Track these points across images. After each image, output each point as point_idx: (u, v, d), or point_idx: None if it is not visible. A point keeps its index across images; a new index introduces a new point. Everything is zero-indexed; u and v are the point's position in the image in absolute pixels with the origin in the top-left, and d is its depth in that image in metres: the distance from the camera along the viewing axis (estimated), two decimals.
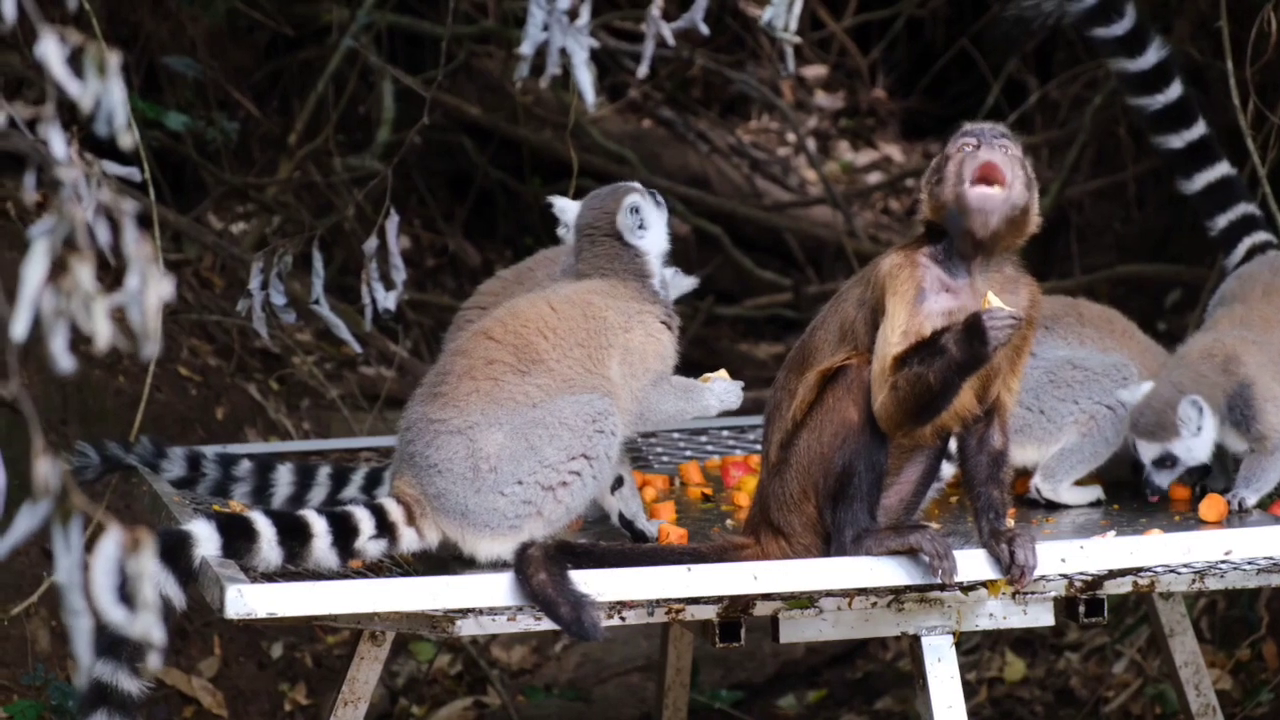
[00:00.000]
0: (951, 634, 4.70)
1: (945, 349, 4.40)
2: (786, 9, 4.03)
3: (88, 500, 2.78)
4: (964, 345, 4.39)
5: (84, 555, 2.85)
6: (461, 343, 4.90)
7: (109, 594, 2.81)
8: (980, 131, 4.56)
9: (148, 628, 2.83)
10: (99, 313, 2.82)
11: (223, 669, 7.43)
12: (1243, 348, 5.33)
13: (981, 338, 4.37)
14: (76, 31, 2.88)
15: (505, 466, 4.69)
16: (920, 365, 4.42)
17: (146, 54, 8.95)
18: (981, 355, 4.41)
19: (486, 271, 10.26)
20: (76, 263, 2.81)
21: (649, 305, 4.95)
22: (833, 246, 11.18)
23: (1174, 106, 5.78)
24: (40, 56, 2.85)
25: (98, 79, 2.91)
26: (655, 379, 4.90)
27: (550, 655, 8.26)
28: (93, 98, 2.92)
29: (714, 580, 4.44)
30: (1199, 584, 4.86)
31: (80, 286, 2.81)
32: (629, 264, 5.00)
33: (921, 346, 4.44)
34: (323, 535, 4.55)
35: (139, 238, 2.86)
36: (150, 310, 2.83)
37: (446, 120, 10.35)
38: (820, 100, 13.29)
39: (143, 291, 2.85)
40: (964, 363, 4.41)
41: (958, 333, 4.40)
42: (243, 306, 6.04)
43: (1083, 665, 7.94)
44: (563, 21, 4.05)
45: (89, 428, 7.15)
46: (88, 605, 2.83)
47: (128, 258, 2.84)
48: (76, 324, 2.84)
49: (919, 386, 4.44)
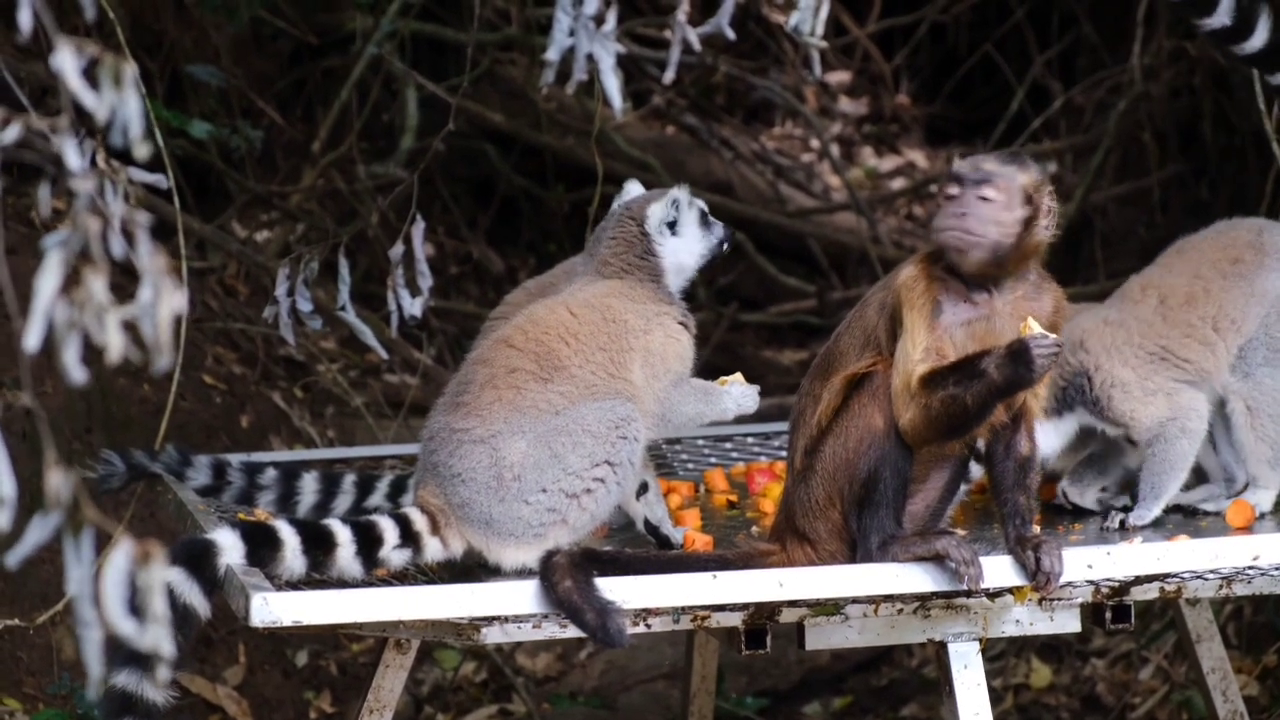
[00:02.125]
0: (978, 640, 4.68)
1: (985, 373, 4.39)
2: (813, 14, 4.02)
3: (99, 512, 2.78)
4: (1007, 370, 4.38)
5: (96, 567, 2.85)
6: (482, 351, 4.90)
7: (119, 606, 2.81)
8: (963, 176, 4.54)
9: (157, 640, 2.83)
10: (112, 325, 2.82)
11: (248, 677, 7.43)
12: (1093, 330, 5.25)
13: (1027, 364, 4.37)
14: (95, 42, 2.88)
15: (529, 475, 4.69)
16: (956, 387, 4.41)
17: (171, 62, 8.96)
18: (1026, 381, 4.41)
19: (510, 279, 10.28)
20: (90, 274, 2.80)
21: (666, 306, 4.95)
22: (857, 252, 11.17)
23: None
24: (56, 67, 2.85)
25: (114, 90, 2.91)
26: (676, 380, 4.89)
27: (575, 662, 8.25)
28: (109, 109, 2.91)
29: (739, 587, 4.44)
30: (1226, 590, 4.84)
31: (93, 298, 2.80)
32: (641, 257, 5.00)
33: (958, 368, 4.43)
34: (347, 545, 4.55)
35: (153, 250, 2.85)
36: (163, 323, 2.83)
37: (470, 127, 10.35)
38: (844, 106, 13.28)
39: (155, 304, 2.84)
40: (1004, 387, 4.41)
41: (1000, 358, 4.39)
42: (269, 314, 6.04)
43: (1109, 671, 7.92)
44: (589, 27, 4.04)
45: (114, 436, 7.15)
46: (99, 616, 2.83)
47: (141, 270, 2.83)
48: (90, 335, 2.84)
49: (954, 407, 4.43)
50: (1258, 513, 5.18)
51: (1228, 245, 5.34)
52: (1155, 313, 5.25)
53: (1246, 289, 5.26)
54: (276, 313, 6.01)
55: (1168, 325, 5.24)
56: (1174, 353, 5.22)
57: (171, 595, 4.33)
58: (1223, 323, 5.23)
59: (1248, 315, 5.24)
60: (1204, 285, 5.27)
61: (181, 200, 6.62)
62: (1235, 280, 5.27)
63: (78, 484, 2.79)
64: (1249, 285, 5.26)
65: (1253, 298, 5.24)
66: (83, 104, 2.87)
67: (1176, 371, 5.21)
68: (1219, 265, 5.30)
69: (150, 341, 2.84)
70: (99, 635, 2.83)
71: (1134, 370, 5.18)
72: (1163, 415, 5.16)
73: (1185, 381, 5.22)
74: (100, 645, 2.84)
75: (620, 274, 4.99)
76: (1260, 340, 5.24)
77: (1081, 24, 11.37)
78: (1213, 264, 5.31)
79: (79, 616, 2.84)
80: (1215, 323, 5.24)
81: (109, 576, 2.80)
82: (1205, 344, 5.23)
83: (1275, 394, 5.22)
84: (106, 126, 2.91)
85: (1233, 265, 5.30)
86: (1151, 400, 5.18)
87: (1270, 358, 5.23)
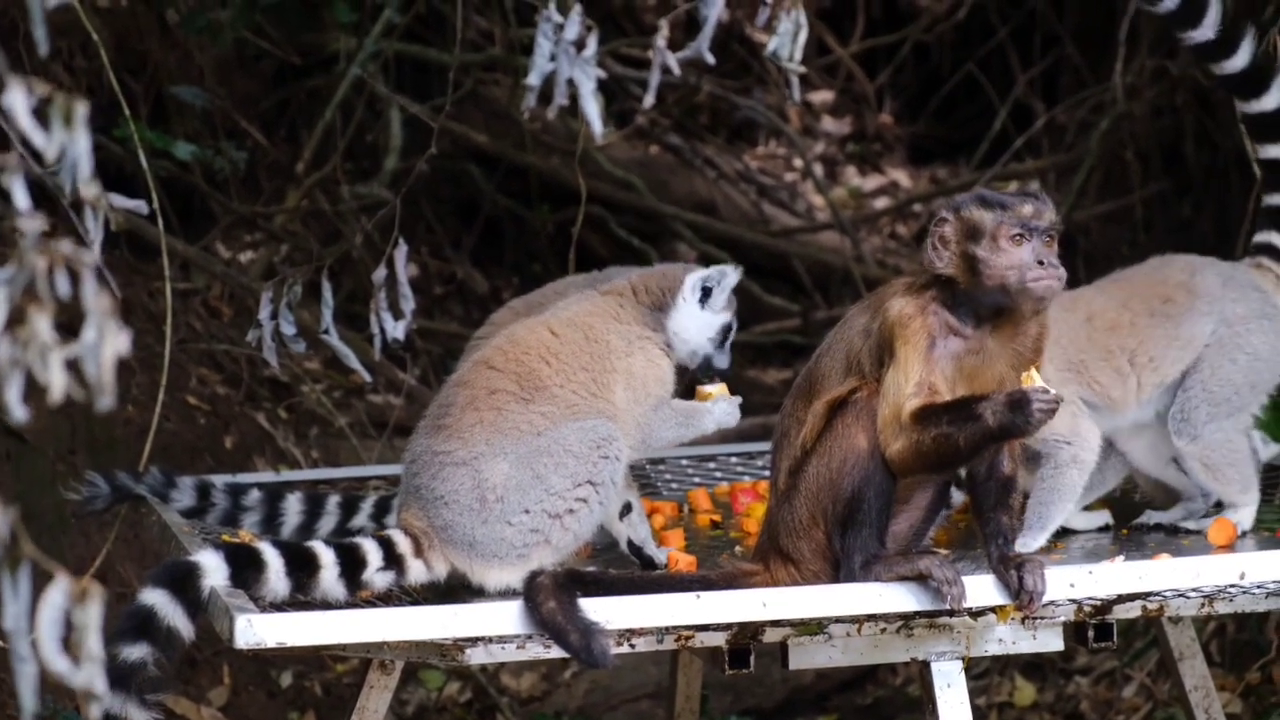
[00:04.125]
0: (961, 659, 4.69)
1: (981, 417, 4.40)
2: (791, 39, 4.04)
3: (37, 550, 2.78)
4: (1004, 419, 4.39)
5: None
6: (463, 373, 4.91)
7: (54, 643, 2.81)
8: (1029, 224, 4.52)
9: (90, 679, 2.83)
10: (55, 364, 2.82)
11: (232, 698, 7.42)
12: None
13: (1025, 416, 4.38)
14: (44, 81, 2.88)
15: (511, 496, 4.70)
16: (950, 426, 4.42)
17: (155, 83, 8.97)
18: (1021, 431, 4.42)
19: (495, 299, 10.28)
20: (35, 313, 2.80)
21: (650, 332, 4.97)
22: (840, 272, 11.19)
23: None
24: (6, 106, 2.85)
25: (64, 129, 2.91)
26: (656, 404, 4.91)
27: (560, 682, 8.25)
28: (58, 148, 2.91)
29: (723, 607, 4.44)
30: (1208, 608, 4.85)
31: (37, 337, 2.80)
32: (654, 303, 5.05)
33: (953, 409, 4.43)
34: (330, 566, 4.56)
35: (97, 290, 2.85)
36: (105, 363, 2.83)
37: (454, 148, 10.37)
38: (827, 125, 13.30)
39: (99, 344, 2.84)
40: (998, 434, 4.42)
41: (999, 405, 4.39)
42: (253, 336, 6.05)
43: (1093, 689, 7.93)
44: (570, 52, 4.06)
45: (97, 457, 7.15)
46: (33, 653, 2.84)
47: (86, 310, 2.83)
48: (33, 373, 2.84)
49: (945, 446, 4.44)
50: (1239, 531, 5.20)
51: (1160, 283, 5.33)
52: (1080, 328, 5.25)
53: (1171, 331, 5.25)
54: (260, 336, 6.02)
55: (1089, 343, 5.24)
56: (1088, 370, 5.21)
57: (156, 617, 4.34)
58: (1140, 358, 5.23)
59: (1167, 357, 5.23)
60: (1130, 317, 5.26)
61: (165, 221, 6.62)
62: (1161, 320, 5.26)
63: (15, 519, 2.79)
64: (1174, 328, 5.25)
65: (1176, 341, 5.24)
66: (32, 142, 2.88)
67: (1086, 391, 5.21)
68: (1149, 301, 5.29)
69: (93, 381, 2.83)
70: (34, 670, 2.84)
71: (1054, 369, 5.16)
72: (1063, 431, 5.15)
73: (1091, 405, 5.22)
74: (35, 680, 2.84)
75: (619, 293, 5.03)
76: (1199, 397, 5.22)
77: (1064, 43, 11.41)
78: (1143, 298, 5.29)
79: (14, 652, 2.84)
80: (1133, 356, 5.23)
81: (45, 614, 2.80)
82: (1118, 373, 5.23)
83: (1227, 445, 5.23)
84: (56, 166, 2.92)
85: (1162, 304, 5.28)
86: (1060, 410, 5.19)
87: (1214, 413, 5.23)
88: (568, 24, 4.14)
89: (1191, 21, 5.33)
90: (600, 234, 10.75)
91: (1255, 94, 5.43)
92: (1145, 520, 5.37)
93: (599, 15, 11.42)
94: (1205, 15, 5.32)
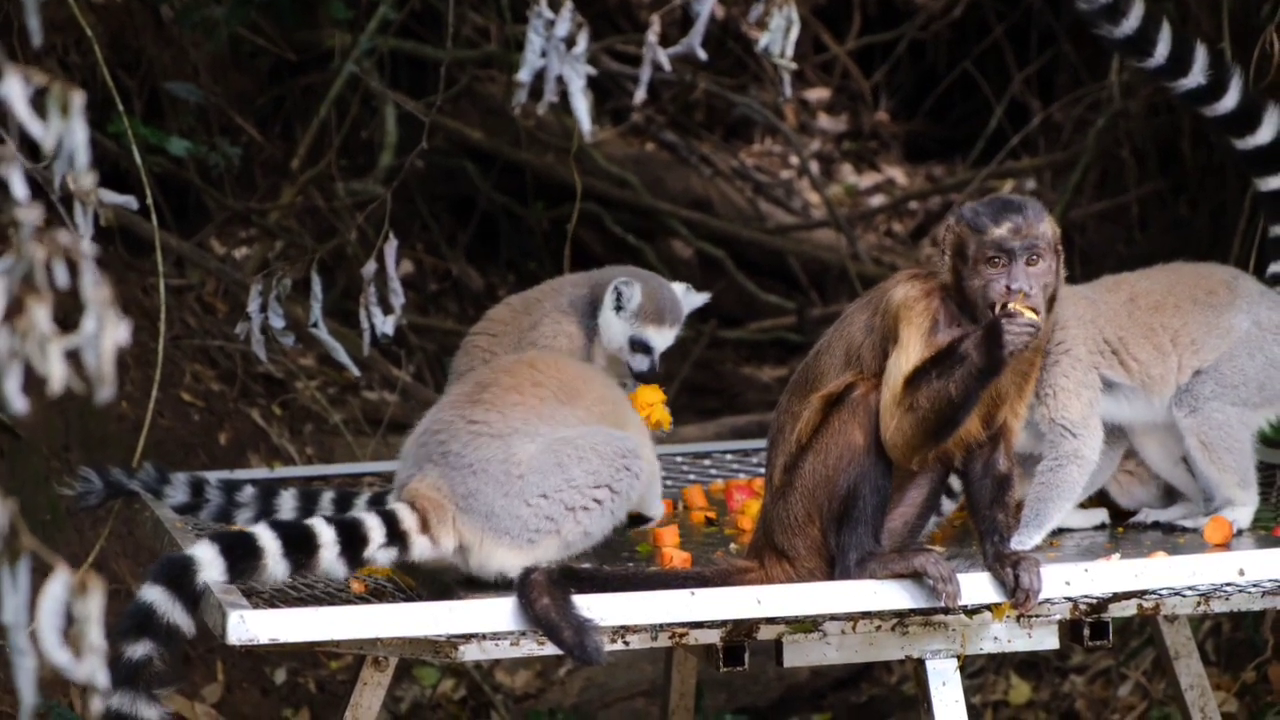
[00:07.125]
0: (956, 657, 4.68)
1: (965, 357, 4.40)
2: (783, 35, 4.03)
3: (39, 542, 2.77)
4: (982, 350, 4.39)
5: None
6: (506, 363, 5.07)
7: (54, 635, 2.80)
8: (1006, 246, 4.51)
9: (92, 672, 2.82)
10: (54, 355, 2.80)
11: (226, 694, 7.41)
12: (1068, 298, 5.23)
13: (1003, 339, 4.37)
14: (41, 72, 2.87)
15: (532, 477, 4.76)
16: (939, 379, 4.41)
17: (149, 80, 8.95)
18: (1001, 358, 4.40)
19: (489, 295, 10.28)
20: (33, 304, 2.79)
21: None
22: (836, 269, 11.19)
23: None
24: (4, 96, 2.84)
25: (60, 119, 2.90)
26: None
27: (554, 680, 8.25)
28: (55, 138, 2.90)
29: (718, 604, 4.44)
30: (1204, 606, 4.84)
31: (36, 328, 2.79)
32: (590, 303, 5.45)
33: (937, 359, 4.43)
34: (330, 545, 4.54)
35: (97, 281, 2.84)
36: (105, 354, 2.82)
37: (449, 144, 10.36)
38: (823, 123, 13.30)
39: (99, 335, 2.83)
40: (985, 367, 4.40)
41: (976, 338, 4.40)
42: (241, 330, 6.04)
43: (1088, 688, 7.93)
44: (560, 49, 4.05)
45: (91, 453, 7.14)
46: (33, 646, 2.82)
47: (85, 301, 2.82)
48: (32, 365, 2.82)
49: (940, 400, 4.43)
50: (1236, 529, 5.19)
51: (1206, 276, 5.39)
52: (1123, 307, 5.27)
53: (1213, 318, 5.27)
54: (249, 329, 6.01)
55: (1130, 321, 5.25)
56: (1128, 348, 5.22)
57: (155, 614, 4.33)
58: (1182, 338, 5.25)
59: (1208, 342, 5.25)
60: (1175, 301, 5.29)
61: (160, 217, 6.61)
62: (1205, 308, 5.29)
63: (14, 512, 2.78)
64: (1216, 316, 5.28)
65: (1216, 329, 5.26)
66: (29, 132, 2.86)
67: (1120, 372, 5.21)
68: (1194, 290, 5.32)
69: (93, 373, 2.82)
70: (33, 664, 2.82)
71: (1086, 350, 5.17)
72: (1073, 418, 5.14)
73: (1122, 388, 5.21)
74: (34, 674, 2.83)
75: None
76: (1209, 376, 5.24)
77: (1060, 42, 11.41)
78: (1188, 286, 5.33)
79: (13, 645, 2.83)
80: (1175, 335, 5.25)
81: (45, 606, 2.79)
82: (1159, 351, 5.24)
83: (1225, 427, 5.22)
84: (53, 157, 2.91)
85: (1207, 294, 5.32)
86: (1077, 395, 5.17)
87: (1218, 391, 5.23)
88: (559, 21, 4.13)
89: (1179, 71, 5.38)
90: (596, 231, 10.75)
91: (1249, 130, 5.48)
92: (1142, 518, 5.36)
93: (594, 12, 11.40)
94: (1193, 64, 5.37)
